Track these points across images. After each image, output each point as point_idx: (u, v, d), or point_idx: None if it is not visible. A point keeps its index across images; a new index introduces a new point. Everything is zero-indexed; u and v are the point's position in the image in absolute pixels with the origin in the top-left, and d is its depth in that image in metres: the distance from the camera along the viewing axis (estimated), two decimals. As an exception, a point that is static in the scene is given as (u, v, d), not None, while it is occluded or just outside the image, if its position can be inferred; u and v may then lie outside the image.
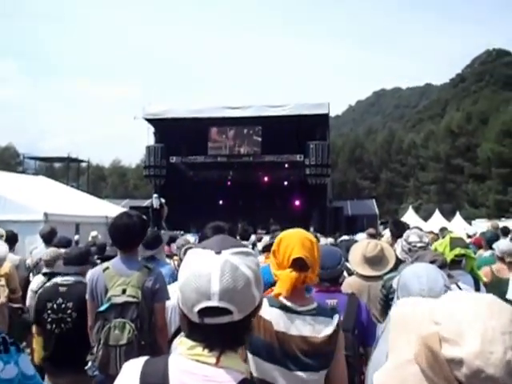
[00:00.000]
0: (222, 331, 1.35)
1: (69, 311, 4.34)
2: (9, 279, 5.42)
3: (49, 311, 4.36)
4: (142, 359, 1.46)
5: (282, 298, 2.36)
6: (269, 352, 2.25)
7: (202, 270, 1.36)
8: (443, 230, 12.15)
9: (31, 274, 6.99)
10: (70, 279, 4.55)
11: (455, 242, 4.73)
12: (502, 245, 6.14)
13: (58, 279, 4.64)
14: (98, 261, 6.07)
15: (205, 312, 1.33)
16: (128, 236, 3.97)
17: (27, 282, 6.32)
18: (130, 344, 3.58)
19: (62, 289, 4.48)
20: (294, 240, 2.43)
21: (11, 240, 7.46)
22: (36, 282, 5.70)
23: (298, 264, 2.36)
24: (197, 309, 1.33)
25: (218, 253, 1.39)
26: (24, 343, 4.73)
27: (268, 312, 2.33)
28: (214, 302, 1.32)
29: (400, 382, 1.20)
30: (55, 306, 4.37)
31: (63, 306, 4.37)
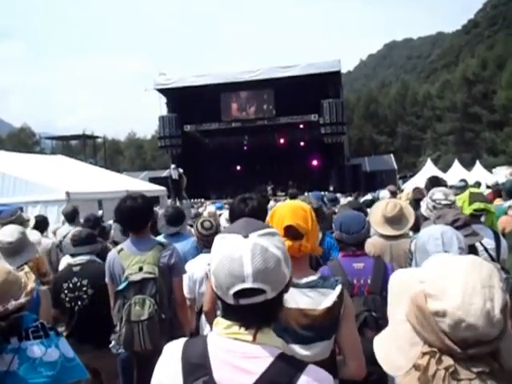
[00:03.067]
0: (256, 310, 1.41)
1: (84, 288, 4.45)
2: (38, 263, 5.52)
3: (65, 291, 4.48)
4: (182, 340, 1.53)
5: None
6: None
7: (234, 254, 1.41)
8: (462, 182, 12.05)
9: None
10: (82, 258, 4.65)
11: (474, 197, 4.75)
12: None
13: (70, 260, 4.77)
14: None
15: (240, 294, 1.39)
16: (134, 219, 4.00)
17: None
18: (152, 319, 3.67)
19: (75, 268, 4.58)
20: (286, 210, 2.44)
21: (42, 224, 7.60)
22: (64, 263, 5.80)
23: (291, 233, 2.35)
24: (232, 291, 1.39)
25: (246, 236, 1.44)
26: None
27: None
28: (248, 284, 1.38)
29: (395, 340, 1.30)
30: (71, 285, 4.49)
31: (78, 284, 4.47)
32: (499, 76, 61.36)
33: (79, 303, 4.45)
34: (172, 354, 1.49)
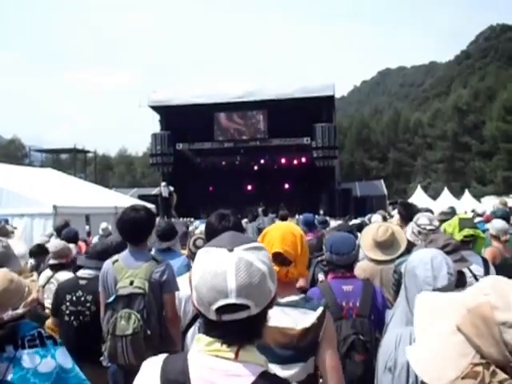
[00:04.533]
0: (239, 326, 1.35)
1: (88, 304, 4.36)
2: (22, 274, 5.44)
3: (67, 303, 4.38)
4: (161, 357, 1.47)
5: None
6: None
7: (217, 268, 1.36)
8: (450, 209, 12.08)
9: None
10: (91, 273, 4.56)
11: (464, 223, 4.75)
12: (496, 223, 6.18)
13: (79, 272, 4.67)
14: None
15: (223, 309, 1.33)
16: (135, 230, 4.02)
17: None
18: (136, 334, 3.64)
19: (82, 282, 4.50)
20: (276, 235, 2.43)
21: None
22: (43, 276, 5.72)
23: (278, 259, 2.35)
24: (215, 307, 1.33)
25: (231, 250, 1.39)
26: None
27: None
28: (231, 299, 1.32)
29: (443, 350, 1.30)
30: (74, 298, 4.39)
31: (82, 298, 4.38)
32: (489, 107, 62.20)
33: (80, 318, 4.35)
34: (151, 370, 1.43)
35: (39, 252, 6.65)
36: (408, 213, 5.76)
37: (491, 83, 69.89)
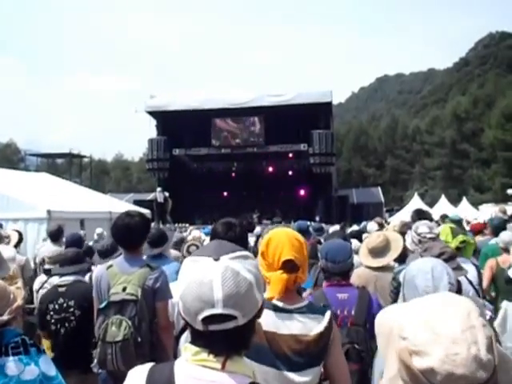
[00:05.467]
0: (226, 336, 1.33)
1: (71, 309, 4.32)
2: (13, 281, 5.38)
3: (51, 312, 4.34)
4: (148, 366, 1.45)
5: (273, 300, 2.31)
6: (258, 354, 2.13)
7: (203, 277, 1.34)
8: (443, 217, 12.09)
9: (38, 272, 6.96)
10: (68, 279, 4.54)
11: (456, 230, 4.81)
12: (504, 236, 6.29)
13: (56, 280, 4.65)
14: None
15: (209, 319, 1.31)
16: (130, 236, 3.97)
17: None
18: (126, 341, 3.60)
19: (61, 289, 4.46)
20: (283, 241, 2.38)
21: (17, 240, 7.45)
22: (38, 281, 5.67)
23: (289, 265, 2.31)
24: (201, 317, 1.32)
25: (217, 259, 1.37)
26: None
27: None
28: (218, 310, 1.31)
29: None
30: (57, 306, 4.35)
31: (65, 305, 4.34)
32: (488, 114, 62.36)
33: (66, 325, 4.31)
34: (136, 379, 1.41)
35: None
36: (420, 219, 5.75)
37: (490, 91, 70.18)
